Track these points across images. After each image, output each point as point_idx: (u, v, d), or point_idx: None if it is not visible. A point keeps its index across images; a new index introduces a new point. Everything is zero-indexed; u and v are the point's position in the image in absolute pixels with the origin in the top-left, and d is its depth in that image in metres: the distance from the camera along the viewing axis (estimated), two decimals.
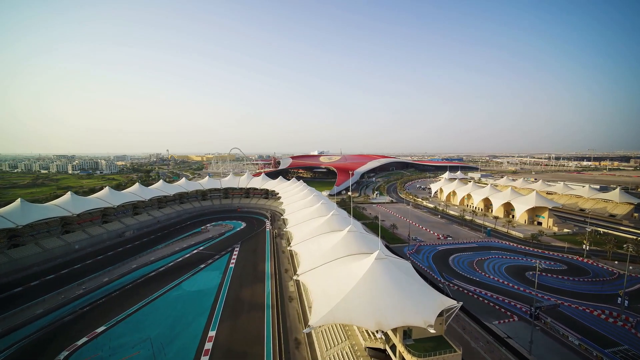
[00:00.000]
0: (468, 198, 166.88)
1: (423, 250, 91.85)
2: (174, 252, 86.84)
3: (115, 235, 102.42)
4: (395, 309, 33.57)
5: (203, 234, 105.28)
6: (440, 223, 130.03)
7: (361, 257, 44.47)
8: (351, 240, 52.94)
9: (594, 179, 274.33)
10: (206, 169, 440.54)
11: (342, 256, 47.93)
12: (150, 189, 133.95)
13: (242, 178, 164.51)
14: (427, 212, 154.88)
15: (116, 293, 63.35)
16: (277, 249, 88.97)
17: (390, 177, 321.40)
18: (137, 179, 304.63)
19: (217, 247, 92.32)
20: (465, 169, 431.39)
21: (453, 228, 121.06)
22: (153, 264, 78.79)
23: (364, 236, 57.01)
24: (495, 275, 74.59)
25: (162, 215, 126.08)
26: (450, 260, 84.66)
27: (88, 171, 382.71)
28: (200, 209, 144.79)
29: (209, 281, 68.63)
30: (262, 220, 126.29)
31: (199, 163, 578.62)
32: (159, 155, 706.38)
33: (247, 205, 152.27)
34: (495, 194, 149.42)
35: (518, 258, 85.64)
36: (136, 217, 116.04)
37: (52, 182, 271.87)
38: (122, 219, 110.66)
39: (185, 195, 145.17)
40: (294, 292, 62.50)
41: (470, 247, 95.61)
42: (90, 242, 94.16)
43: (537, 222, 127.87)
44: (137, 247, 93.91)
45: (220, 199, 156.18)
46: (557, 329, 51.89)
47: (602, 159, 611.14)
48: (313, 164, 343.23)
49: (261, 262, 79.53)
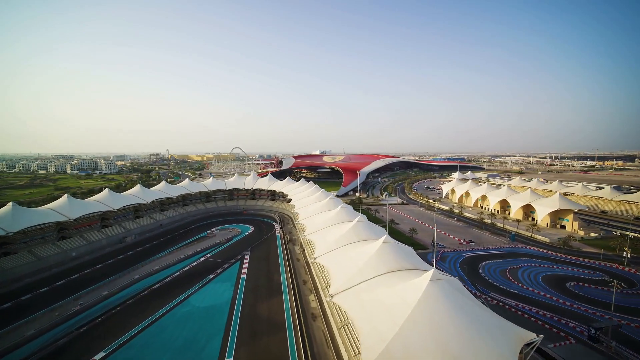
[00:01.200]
0: (483, 199, 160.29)
1: (448, 257, 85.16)
2: (179, 260, 79.97)
3: (116, 241, 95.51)
4: (468, 350, 26.81)
5: (209, 239, 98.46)
6: (458, 226, 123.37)
7: (407, 276, 37.88)
8: (388, 250, 46.28)
9: (603, 178, 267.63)
10: (207, 169, 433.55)
11: (383, 273, 41.19)
12: (152, 190, 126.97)
13: (248, 179, 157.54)
14: (441, 214, 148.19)
15: (117, 309, 56.49)
16: (291, 256, 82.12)
17: (396, 177, 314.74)
18: (138, 179, 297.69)
19: (225, 254, 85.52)
20: (469, 168, 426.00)
21: (473, 232, 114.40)
22: (157, 274, 71.93)
23: (399, 246, 50.34)
24: (534, 287, 67.89)
25: (165, 218, 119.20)
26: (480, 268, 77.99)
27: (87, 171, 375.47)
28: (205, 211, 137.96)
29: (220, 295, 61.82)
30: (270, 224, 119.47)
31: (200, 163, 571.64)
32: (158, 155, 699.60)
33: (253, 208, 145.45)
34: (512, 195, 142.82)
35: (553, 267, 79.00)
36: (138, 221, 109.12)
37: (49, 183, 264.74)
38: (123, 223, 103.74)
39: (188, 197, 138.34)
40: (317, 308, 55.74)
41: (498, 253, 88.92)
42: (89, 248, 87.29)
43: (559, 225, 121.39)
44: (139, 254, 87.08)
45: (225, 201, 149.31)
46: (624, 355, 45.26)
47: (606, 158, 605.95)
48: (317, 164, 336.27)
49: (275, 272, 72.68)
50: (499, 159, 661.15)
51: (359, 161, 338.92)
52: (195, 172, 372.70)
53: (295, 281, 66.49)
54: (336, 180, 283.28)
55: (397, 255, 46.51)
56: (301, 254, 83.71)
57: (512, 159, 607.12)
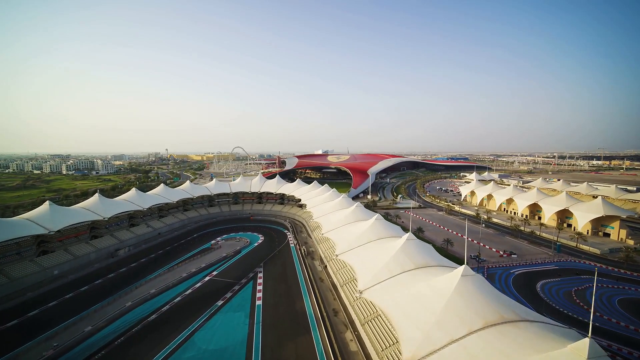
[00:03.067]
0: (508, 203, 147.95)
1: (497, 273, 72.67)
2: (180, 281, 67.32)
3: (106, 255, 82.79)
4: None
5: (214, 252, 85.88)
6: (489, 234, 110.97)
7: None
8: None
9: (617, 179, 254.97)
10: (207, 169, 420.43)
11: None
12: (150, 194, 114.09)
13: (255, 181, 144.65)
14: (464, 219, 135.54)
15: (100, 355, 43.92)
16: (312, 275, 69.53)
17: (404, 177, 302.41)
18: (135, 180, 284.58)
19: (234, 271, 72.96)
20: (474, 168, 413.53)
21: (508, 241, 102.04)
22: (153, 300, 59.31)
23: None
24: (614, 316, 55.61)
25: (163, 226, 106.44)
26: (539, 288, 65.63)
27: (83, 171, 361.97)
28: (208, 217, 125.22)
29: (232, 331, 49.21)
30: (282, 232, 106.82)
31: (200, 163, 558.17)
32: (157, 155, 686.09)
33: (260, 213, 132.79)
34: (544, 199, 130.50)
35: (625, 287, 66.64)
36: (132, 230, 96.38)
37: (42, 184, 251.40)
38: (116, 233, 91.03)
39: (189, 201, 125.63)
40: (358, 352, 43.26)
41: (551, 269, 76.46)
42: (74, 265, 74.60)
43: (601, 233, 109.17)
44: (133, 271, 74.43)
45: (230, 205, 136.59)
46: None
47: (613, 158, 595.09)
48: (322, 164, 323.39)
49: (298, 298, 60.06)
50: (502, 158, 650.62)
51: (365, 161, 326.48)
52: (196, 172, 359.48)
53: (325, 311, 53.88)
54: (342, 180, 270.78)
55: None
56: (323, 272, 71.25)
57: (518, 159, 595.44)
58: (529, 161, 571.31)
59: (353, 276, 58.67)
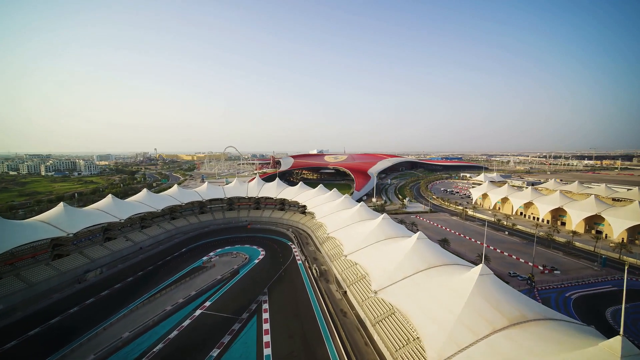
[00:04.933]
0: (526, 207, 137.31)
1: (550, 297, 60.29)
2: (162, 317, 52.47)
3: (72, 280, 66.76)
4: None
5: (207, 272, 71.12)
6: (516, 244, 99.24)
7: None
8: None
9: (617, 179, 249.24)
10: (198, 169, 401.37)
11: None
12: (130, 202, 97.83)
13: (252, 184, 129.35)
14: (482, 225, 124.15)
15: None
16: (332, 305, 55.63)
17: (405, 178, 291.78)
18: (120, 181, 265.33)
19: (232, 301, 58.41)
20: (472, 168, 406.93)
21: (541, 252, 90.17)
22: (125, 349, 44.51)
23: None
24: None
25: (146, 238, 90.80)
26: (609, 316, 53.60)
27: (64, 173, 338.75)
28: (199, 225, 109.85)
29: None
30: (285, 245, 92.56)
31: (190, 163, 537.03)
32: (146, 155, 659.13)
33: (258, 220, 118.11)
34: (569, 203, 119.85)
35: None
36: (107, 245, 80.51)
37: (15, 187, 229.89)
38: (86, 250, 75.11)
39: (178, 208, 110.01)
40: None
41: (609, 290, 64.74)
42: (27, 295, 58.70)
43: (638, 241, 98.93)
44: (103, 303, 58.78)
45: (224, 212, 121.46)
46: None
47: (604, 157, 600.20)
48: (319, 164, 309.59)
49: (317, 342, 45.92)
50: (495, 158, 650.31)
51: (364, 161, 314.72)
52: (186, 173, 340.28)
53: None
54: (341, 182, 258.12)
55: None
56: (343, 300, 57.57)
57: (512, 159, 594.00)
58: (525, 161, 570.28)
59: (389, 309, 45.31)
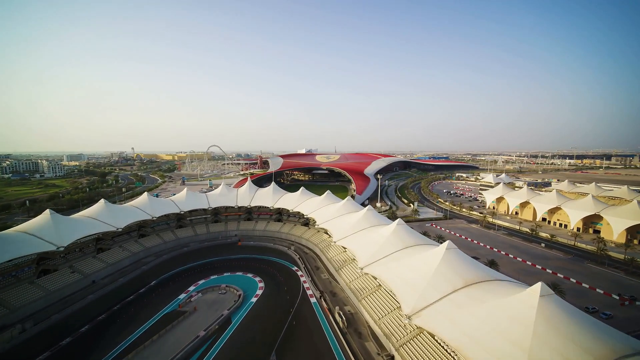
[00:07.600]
0: (551, 213, 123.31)
1: None
2: None
3: None
4: None
5: (184, 323, 49.72)
6: (563, 260, 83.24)
7: None
8: None
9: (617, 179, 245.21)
10: (179, 170, 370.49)
11: None
12: (79, 219, 72.37)
13: (242, 191, 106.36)
14: (508, 234, 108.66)
15: None
16: None
17: (400, 179, 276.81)
18: (88, 184, 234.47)
19: None
20: (465, 167, 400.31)
21: (596, 271, 74.96)
22: None
23: None
24: None
25: (102, 267, 67.52)
26: None
27: (23, 174, 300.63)
28: (175, 244, 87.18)
29: None
30: (288, 270, 71.98)
31: (171, 163, 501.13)
32: (122, 154, 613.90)
33: (251, 235, 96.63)
34: (606, 209, 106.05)
35: None
36: (41, 282, 56.99)
37: None
38: (12, 290, 51.75)
39: (148, 223, 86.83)
40: None
41: None
42: None
43: None
44: None
45: (207, 224, 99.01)
46: None
47: (584, 157, 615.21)
48: (311, 164, 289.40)
49: None
50: (479, 157, 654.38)
51: (358, 161, 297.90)
52: (165, 174, 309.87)
53: None
54: (335, 183, 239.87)
55: None
56: None
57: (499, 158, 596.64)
58: (510, 160, 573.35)
59: None
